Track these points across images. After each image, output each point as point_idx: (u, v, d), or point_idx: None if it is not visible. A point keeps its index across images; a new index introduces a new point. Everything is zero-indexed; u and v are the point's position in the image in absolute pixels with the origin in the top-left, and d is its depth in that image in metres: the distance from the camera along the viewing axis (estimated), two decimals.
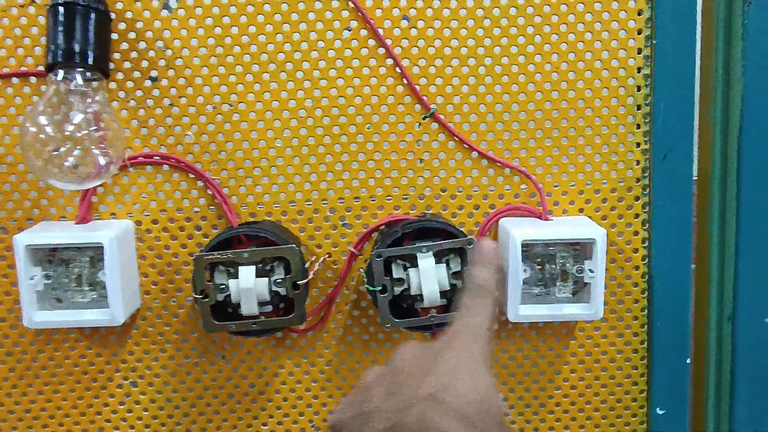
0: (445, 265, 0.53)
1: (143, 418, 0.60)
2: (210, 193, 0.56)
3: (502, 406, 0.38)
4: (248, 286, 0.51)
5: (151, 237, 0.57)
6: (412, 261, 0.53)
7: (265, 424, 0.60)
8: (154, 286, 0.58)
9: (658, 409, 0.60)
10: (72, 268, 0.53)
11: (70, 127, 0.49)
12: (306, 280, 0.52)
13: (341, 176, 0.57)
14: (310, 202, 0.57)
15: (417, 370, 0.39)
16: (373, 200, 0.57)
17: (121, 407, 0.59)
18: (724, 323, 0.59)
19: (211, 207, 0.57)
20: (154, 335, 0.58)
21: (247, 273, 0.52)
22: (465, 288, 0.43)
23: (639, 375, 0.60)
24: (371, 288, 0.53)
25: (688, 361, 0.59)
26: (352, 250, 0.57)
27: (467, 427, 0.36)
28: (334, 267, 0.58)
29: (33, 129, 0.48)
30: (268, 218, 0.57)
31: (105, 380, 0.59)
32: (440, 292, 0.52)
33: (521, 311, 0.54)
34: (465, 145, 0.56)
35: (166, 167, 0.56)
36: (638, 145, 0.56)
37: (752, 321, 0.57)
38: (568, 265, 0.55)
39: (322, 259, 0.57)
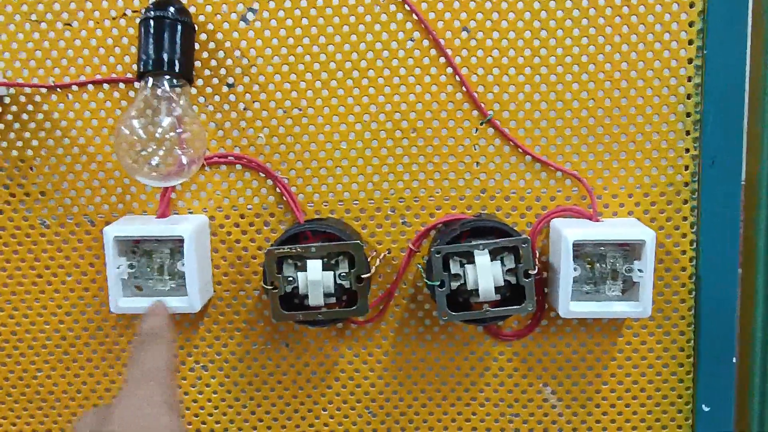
0: (499, 262, 0.56)
1: (212, 400, 0.64)
2: (279, 191, 0.60)
3: None
4: (316, 278, 0.55)
5: (224, 231, 0.61)
6: (468, 258, 0.56)
7: (324, 410, 0.64)
8: (225, 277, 0.62)
9: (703, 405, 0.62)
10: (154, 259, 0.58)
11: (159, 130, 0.53)
12: (369, 274, 0.56)
13: (402, 177, 0.60)
14: (372, 201, 0.61)
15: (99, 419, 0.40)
16: (432, 200, 0.60)
17: (193, 389, 0.64)
18: None
19: (280, 204, 0.61)
20: (224, 323, 0.63)
21: (314, 266, 0.55)
22: (136, 339, 0.44)
23: (685, 372, 0.62)
24: (430, 282, 0.56)
25: (734, 360, 0.61)
26: (411, 247, 0.61)
27: None
28: (393, 263, 0.61)
29: (126, 131, 0.53)
30: (332, 216, 0.61)
31: (178, 364, 0.63)
32: (495, 288, 0.56)
33: (572, 307, 0.57)
34: (519, 150, 0.59)
35: (239, 167, 0.60)
36: (687, 150, 0.58)
37: None
38: (618, 264, 0.57)
39: (382, 255, 0.60)
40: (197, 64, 0.58)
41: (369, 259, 0.58)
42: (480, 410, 0.64)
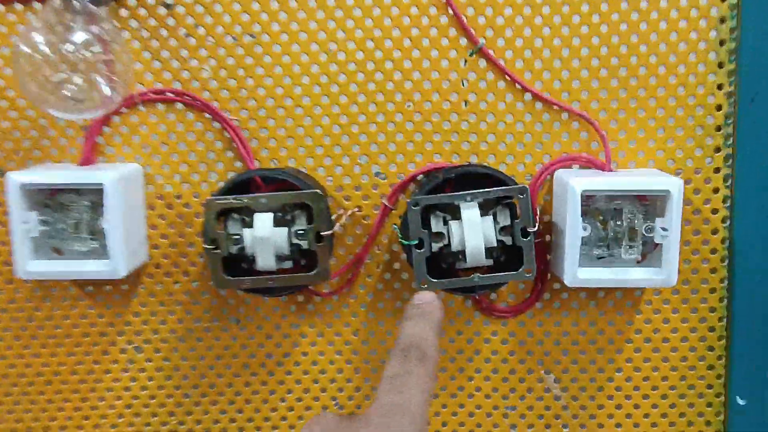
0: (491, 218, 0.46)
1: (148, 388, 0.54)
2: (227, 135, 0.50)
3: None
4: (264, 234, 0.45)
5: (161, 184, 0.51)
6: (453, 213, 0.46)
7: (283, 400, 0.54)
8: (163, 240, 0.52)
9: (738, 398, 0.51)
10: (71, 214, 0.48)
11: (70, 48, 0.43)
12: (331, 231, 0.46)
13: (375, 119, 0.50)
14: (339, 148, 0.50)
15: None
16: (411, 147, 0.50)
17: (125, 375, 0.53)
18: None
19: (229, 152, 0.51)
20: (162, 295, 0.52)
21: (263, 220, 0.45)
22: (395, 350, 0.35)
23: (716, 357, 0.51)
24: (405, 242, 0.46)
25: None
26: (385, 203, 0.50)
27: None
28: (365, 222, 0.51)
29: (26, 49, 0.43)
30: (292, 165, 0.51)
31: (107, 344, 0.53)
32: (485, 249, 0.45)
33: (580, 274, 0.46)
34: (517, 86, 0.49)
35: (179, 106, 0.50)
36: (720, 87, 0.48)
37: None
38: (636, 222, 0.47)
39: (350, 212, 0.50)
40: None
41: (334, 217, 0.48)
42: (468, 402, 0.53)
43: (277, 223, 0.46)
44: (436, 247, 0.46)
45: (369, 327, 0.53)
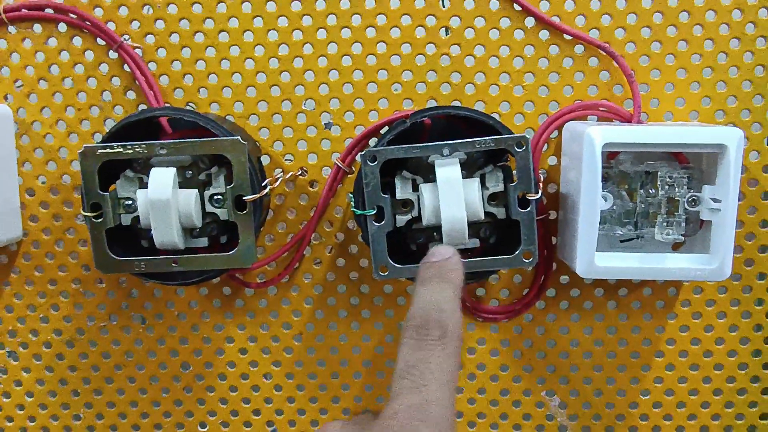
0: (478, 181, 0.33)
1: (26, 407, 0.41)
2: (128, 69, 0.37)
3: None
4: (162, 196, 0.32)
5: (39, 134, 0.38)
6: (427, 174, 0.33)
7: (203, 425, 0.41)
8: (43, 210, 0.39)
9: None
10: None
11: None
12: (256, 196, 0.33)
13: (325, 50, 0.37)
14: (278, 90, 0.38)
15: None
16: (373, 90, 0.38)
17: None
18: None
19: (130, 91, 0.38)
20: (43, 283, 0.40)
21: (161, 177, 0.32)
22: (408, 328, 0.27)
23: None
24: (359, 212, 0.33)
25: None
26: (338, 163, 0.38)
27: None
28: (312, 190, 0.38)
29: None
30: (214, 112, 0.38)
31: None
32: (469, 225, 0.33)
33: (598, 261, 0.34)
34: (515, 6, 0.37)
35: (63, 27, 0.37)
36: None
37: None
38: (678, 191, 0.34)
39: (290, 174, 0.37)
40: None
41: (268, 180, 0.35)
42: None
43: (187, 183, 0.34)
44: (402, 220, 0.34)
45: (316, 330, 0.40)
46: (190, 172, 0.34)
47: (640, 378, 0.39)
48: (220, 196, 0.34)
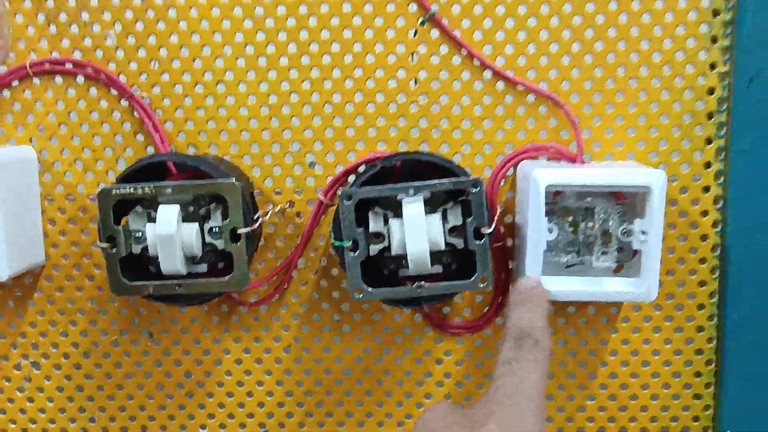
0: (440, 215, 0.38)
1: (47, 411, 0.46)
2: (137, 115, 0.43)
3: None
4: (168, 231, 0.38)
5: (59, 172, 0.44)
6: (396, 210, 0.39)
7: (203, 427, 0.46)
8: (62, 237, 0.44)
9: None
10: None
11: None
12: (249, 229, 0.39)
13: (309, 99, 0.43)
14: (268, 133, 0.43)
15: None
16: (351, 133, 0.43)
17: (20, 395, 0.46)
18: None
19: (139, 134, 0.43)
20: (63, 302, 0.45)
21: (167, 214, 0.38)
22: (506, 338, 0.34)
23: (703, 385, 0.44)
24: (337, 243, 0.39)
25: None
26: (321, 198, 0.43)
27: None
28: (298, 221, 0.44)
29: None
30: (212, 152, 0.44)
31: None
32: (433, 254, 0.38)
33: (544, 285, 0.39)
34: (475, 61, 0.42)
35: (80, 79, 0.43)
36: (713, 66, 0.41)
37: None
38: (611, 224, 0.40)
39: (279, 207, 0.43)
40: None
41: (260, 213, 0.41)
42: None
43: (189, 218, 0.39)
44: (374, 249, 0.39)
45: (303, 342, 0.45)
46: (192, 208, 0.40)
47: (587, 385, 0.45)
48: (217, 229, 0.39)
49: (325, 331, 0.45)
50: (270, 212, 0.42)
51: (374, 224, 0.39)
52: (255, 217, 0.40)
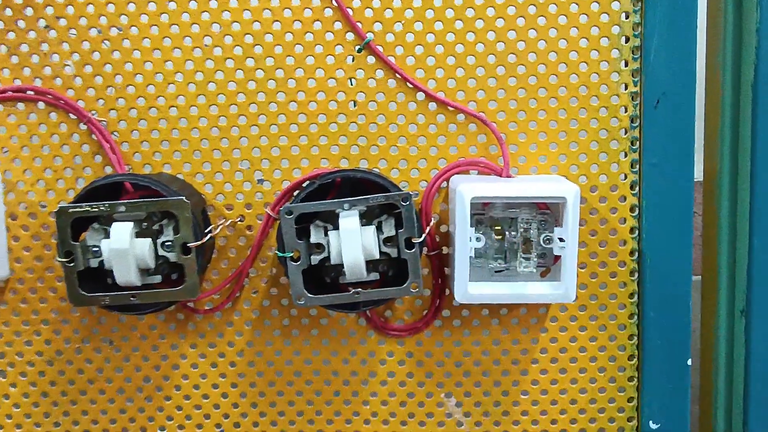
0: (374, 227, 0.42)
1: (13, 416, 0.49)
2: (95, 138, 0.46)
3: None
4: (121, 246, 0.41)
5: (23, 191, 0.46)
6: (335, 222, 0.42)
7: (162, 429, 0.49)
8: (26, 252, 0.47)
9: (651, 422, 0.47)
10: None
11: None
12: (199, 243, 0.42)
13: (256, 121, 0.46)
14: (219, 152, 0.46)
15: None
16: (296, 152, 0.46)
17: None
18: (736, 316, 0.47)
19: (97, 156, 0.46)
20: (27, 313, 0.48)
21: (120, 230, 0.41)
22: None
23: (626, 378, 0.48)
24: (280, 254, 0.42)
25: (689, 362, 0.47)
26: (269, 212, 0.46)
27: None
28: (248, 234, 0.47)
29: None
30: (166, 171, 0.47)
31: None
32: (369, 263, 0.41)
33: (471, 289, 0.42)
34: (408, 84, 0.45)
35: (41, 105, 0.46)
36: (626, 86, 0.45)
37: None
38: (532, 232, 0.43)
39: (229, 222, 0.46)
40: None
41: (211, 227, 0.44)
42: (365, 429, 0.49)
43: (143, 233, 0.42)
44: (316, 259, 0.42)
45: (255, 347, 0.48)
46: (146, 224, 0.43)
47: (520, 381, 0.48)
48: (170, 243, 0.42)
49: (275, 335, 0.48)
50: (221, 226, 0.45)
51: (315, 236, 0.42)
52: (206, 230, 0.44)
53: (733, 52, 0.44)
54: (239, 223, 0.47)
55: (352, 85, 0.46)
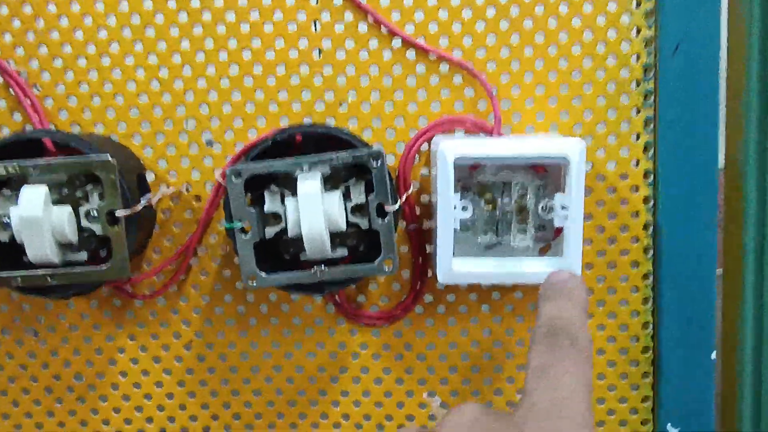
0: (340, 193, 0.35)
1: None
2: (13, 92, 0.39)
3: None
4: (33, 213, 0.34)
5: None
6: (294, 188, 0.35)
7: None
8: None
9: (669, 426, 0.41)
10: None
11: None
12: (129, 211, 0.35)
13: (204, 72, 0.39)
14: (160, 110, 0.39)
15: None
16: (251, 109, 0.39)
17: None
18: (765, 304, 0.40)
19: (16, 113, 0.39)
20: None
21: (32, 195, 0.34)
22: (537, 336, 0.29)
23: (641, 374, 0.41)
24: (227, 225, 0.35)
25: (714, 356, 0.40)
26: (219, 179, 0.39)
27: None
28: (196, 205, 0.40)
29: None
30: (98, 132, 0.40)
31: None
32: (334, 235, 0.35)
33: (456, 266, 0.36)
34: (383, 29, 0.39)
35: None
36: (638, 31, 0.38)
37: None
38: (529, 199, 0.37)
39: (173, 190, 0.39)
40: None
41: (148, 196, 0.37)
42: None
43: (63, 200, 0.35)
44: (271, 231, 0.36)
45: (205, 338, 0.41)
46: (66, 189, 0.36)
47: (515, 377, 0.41)
48: (95, 212, 0.36)
49: (229, 324, 0.41)
50: (159, 195, 0.38)
51: (270, 204, 0.36)
52: (149, 196, 0.37)
53: None
54: (185, 192, 0.40)
55: (316, 30, 0.39)
